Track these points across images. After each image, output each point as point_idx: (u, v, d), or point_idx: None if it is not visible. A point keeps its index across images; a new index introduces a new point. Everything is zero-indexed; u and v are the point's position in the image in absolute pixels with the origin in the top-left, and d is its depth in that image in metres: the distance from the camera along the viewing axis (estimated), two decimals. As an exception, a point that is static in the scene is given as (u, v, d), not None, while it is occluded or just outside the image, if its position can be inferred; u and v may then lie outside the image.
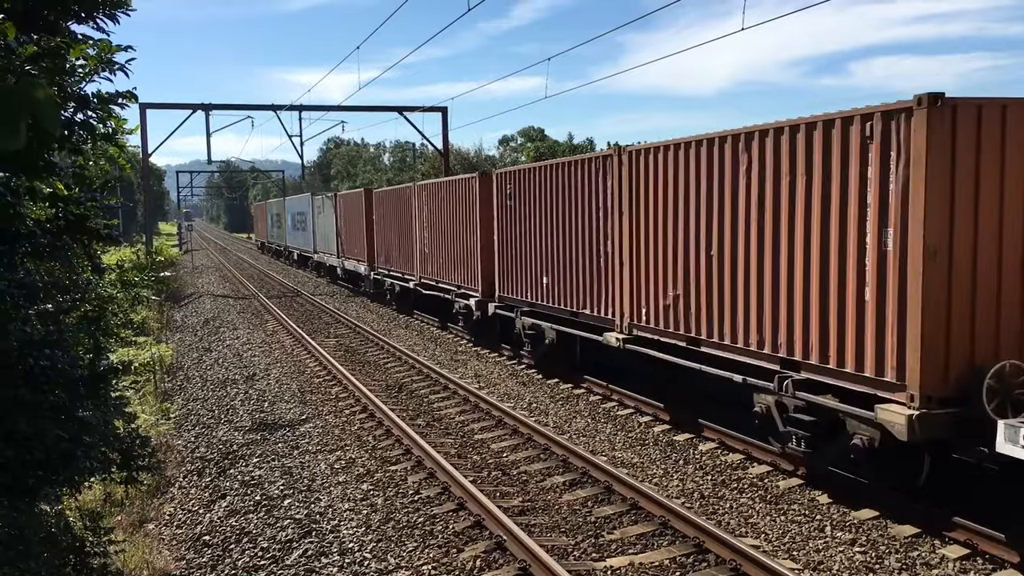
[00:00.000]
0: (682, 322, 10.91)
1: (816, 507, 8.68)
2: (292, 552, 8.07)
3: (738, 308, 9.75)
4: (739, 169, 9.60)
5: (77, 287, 6.62)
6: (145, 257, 33.82)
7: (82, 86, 5.27)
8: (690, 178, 10.56)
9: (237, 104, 40.32)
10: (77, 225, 5.31)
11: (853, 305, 8.09)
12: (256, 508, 9.35)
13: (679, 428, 11.69)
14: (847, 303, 8.16)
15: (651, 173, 11.45)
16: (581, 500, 9.07)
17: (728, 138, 9.84)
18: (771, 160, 9.16)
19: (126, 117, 5.51)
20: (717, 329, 10.17)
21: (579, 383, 14.72)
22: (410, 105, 39.50)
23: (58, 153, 5.35)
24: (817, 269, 8.54)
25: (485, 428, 12.24)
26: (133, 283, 25.01)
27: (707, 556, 7.50)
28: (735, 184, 9.74)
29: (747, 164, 9.47)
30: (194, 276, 43.74)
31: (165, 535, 9.15)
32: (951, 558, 7.34)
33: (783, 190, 9.01)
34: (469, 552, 7.78)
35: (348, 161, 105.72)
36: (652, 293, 11.59)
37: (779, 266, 9.06)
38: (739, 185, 9.66)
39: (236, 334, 22.74)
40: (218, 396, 15.38)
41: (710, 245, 10.20)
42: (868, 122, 7.83)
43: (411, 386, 15.29)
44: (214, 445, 12.13)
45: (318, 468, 10.62)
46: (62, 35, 4.84)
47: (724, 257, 9.94)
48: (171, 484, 10.78)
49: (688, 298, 10.74)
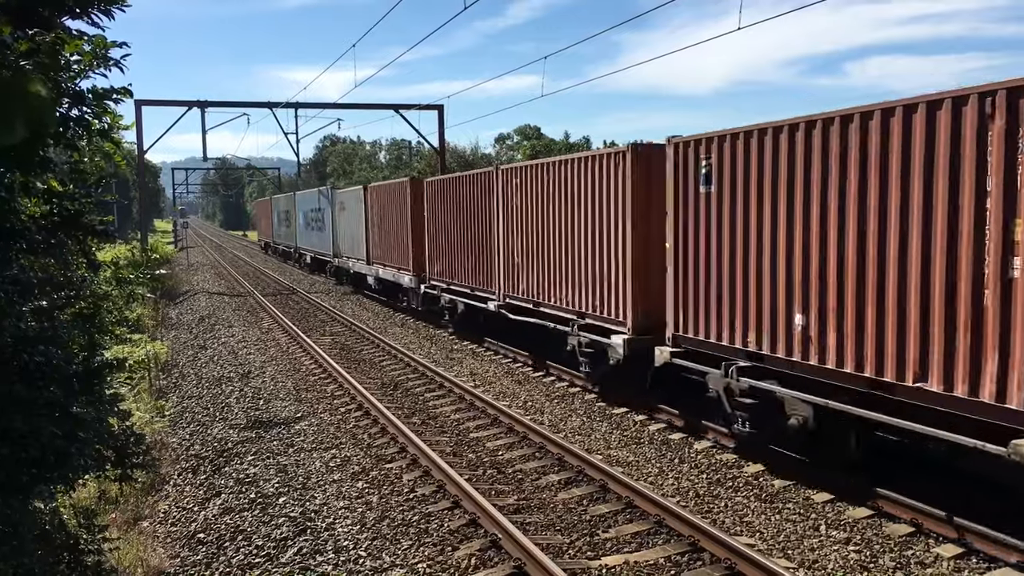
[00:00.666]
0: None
1: (811, 506, 8.69)
2: (287, 550, 8.06)
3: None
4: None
5: (72, 284, 6.60)
6: (140, 254, 33.75)
7: (77, 82, 5.26)
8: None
9: (233, 101, 40.31)
10: (72, 221, 5.30)
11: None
12: (251, 506, 9.34)
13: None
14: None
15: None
16: (576, 498, 9.07)
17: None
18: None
19: (121, 113, 5.50)
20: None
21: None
22: (406, 103, 39.47)
23: (53, 149, 5.33)
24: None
25: (481, 426, 12.24)
26: (128, 280, 24.96)
27: (702, 555, 7.51)
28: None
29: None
30: (189, 273, 43.66)
31: (160, 533, 9.14)
32: (945, 556, 7.36)
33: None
34: (464, 550, 7.78)
35: (344, 159, 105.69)
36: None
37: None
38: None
39: (231, 332, 22.70)
40: (213, 394, 15.36)
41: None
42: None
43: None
44: (209, 443, 12.11)
45: (313, 466, 10.61)
46: (57, 31, 4.82)
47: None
48: (166, 482, 10.76)
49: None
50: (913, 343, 7.83)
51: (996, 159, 7.01)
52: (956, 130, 7.34)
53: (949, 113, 7.39)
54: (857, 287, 8.38)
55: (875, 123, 8.10)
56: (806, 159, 8.91)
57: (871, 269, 8.22)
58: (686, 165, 10.99)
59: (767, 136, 9.45)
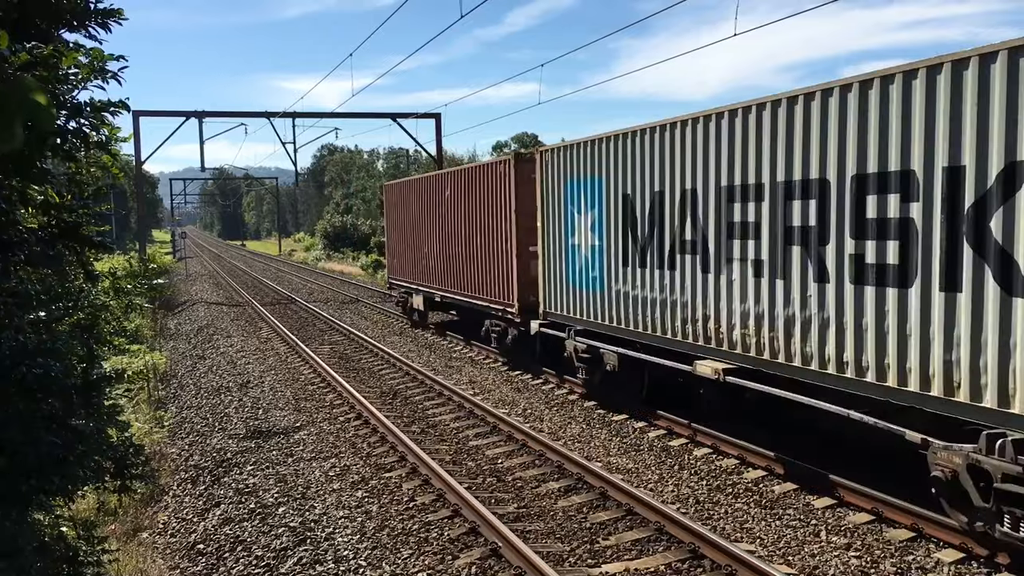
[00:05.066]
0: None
1: (811, 511, 8.69)
2: (287, 560, 8.05)
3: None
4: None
5: (70, 295, 6.59)
6: (138, 264, 33.73)
7: (75, 94, 5.26)
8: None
9: (230, 111, 40.33)
10: (70, 232, 5.30)
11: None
12: (250, 516, 9.32)
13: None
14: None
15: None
16: (576, 506, 9.06)
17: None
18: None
19: (119, 126, 5.51)
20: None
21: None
22: (404, 111, 39.55)
23: (51, 161, 5.34)
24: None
25: (480, 434, 12.23)
26: (126, 291, 24.92)
27: (702, 562, 7.50)
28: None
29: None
30: (188, 283, 43.65)
31: (159, 544, 9.11)
32: (946, 562, 7.36)
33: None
34: (464, 559, 7.76)
35: (342, 168, 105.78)
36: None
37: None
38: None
39: (230, 341, 22.68)
40: (212, 404, 15.33)
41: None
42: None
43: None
44: (208, 453, 12.09)
45: (313, 475, 10.60)
46: (54, 43, 4.84)
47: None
48: (165, 492, 10.74)
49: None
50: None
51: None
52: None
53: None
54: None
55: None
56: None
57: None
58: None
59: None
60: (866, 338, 8.15)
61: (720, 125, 10.05)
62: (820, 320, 8.71)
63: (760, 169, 9.48)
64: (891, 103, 7.77)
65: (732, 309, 10.05)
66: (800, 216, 8.94)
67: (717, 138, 10.14)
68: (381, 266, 47.22)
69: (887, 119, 7.82)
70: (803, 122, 8.79)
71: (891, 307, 7.87)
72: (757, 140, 9.48)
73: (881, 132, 7.89)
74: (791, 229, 9.08)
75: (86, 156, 5.37)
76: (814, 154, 8.70)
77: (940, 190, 7.36)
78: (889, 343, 7.89)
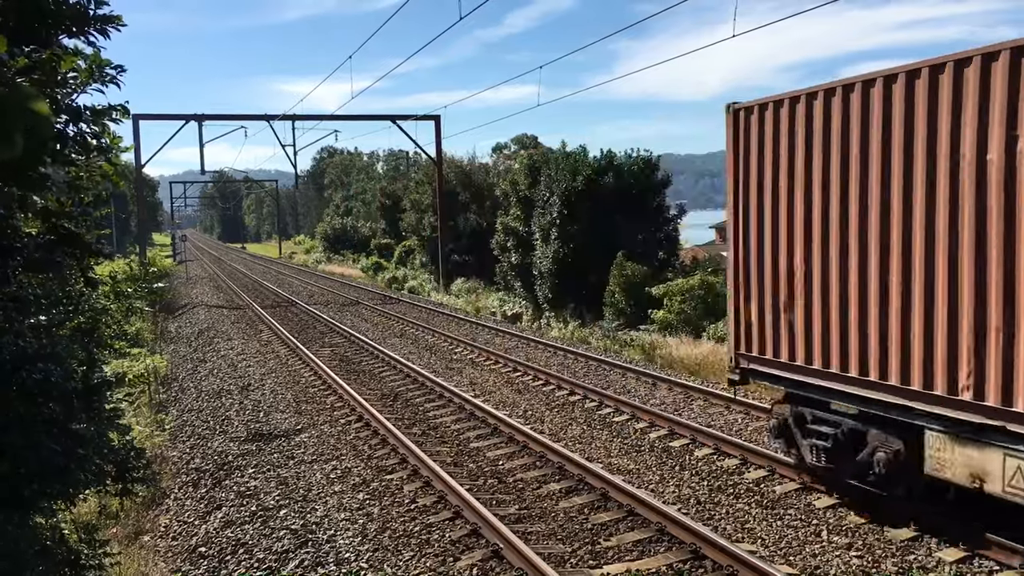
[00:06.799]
0: None
1: (812, 511, 8.69)
2: (288, 562, 8.05)
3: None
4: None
5: (70, 299, 6.60)
6: (139, 268, 33.74)
7: (74, 98, 5.27)
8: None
9: (230, 114, 40.31)
10: (70, 239, 5.30)
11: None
12: (252, 519, 9.33)
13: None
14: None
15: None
16: (577, 507, 9.06)
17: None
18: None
19: (121, 135, 5.51)
20: None
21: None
22: (403, 114, 39.51)
23: (51, 167, 5.35)
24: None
25: (481, 436, 12.23)
26: (127, 294, 24.93)
27: (704, 562, 7.50)
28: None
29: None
30: (188, 287, 43.66)
31: (160, 547, 9.12)
32: (947, 561, 7.36)
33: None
34: (466, 560, 7.77)
35: (342, 170, 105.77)
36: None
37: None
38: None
39: (231, 344, 22.69)
40: (213, 407, 15.34)
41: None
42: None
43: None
44: (209, 456, 12.09)
45: (314, 478, 10.60)
46: (53, 49, 4.85)
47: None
48: (166, 496, 10.74)
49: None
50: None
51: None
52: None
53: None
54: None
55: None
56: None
57: None
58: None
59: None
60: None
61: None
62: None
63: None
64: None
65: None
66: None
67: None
68: (381, 268, 47.22)
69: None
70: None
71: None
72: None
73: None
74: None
75: (86, 162, 5.38)
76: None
77: None
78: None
